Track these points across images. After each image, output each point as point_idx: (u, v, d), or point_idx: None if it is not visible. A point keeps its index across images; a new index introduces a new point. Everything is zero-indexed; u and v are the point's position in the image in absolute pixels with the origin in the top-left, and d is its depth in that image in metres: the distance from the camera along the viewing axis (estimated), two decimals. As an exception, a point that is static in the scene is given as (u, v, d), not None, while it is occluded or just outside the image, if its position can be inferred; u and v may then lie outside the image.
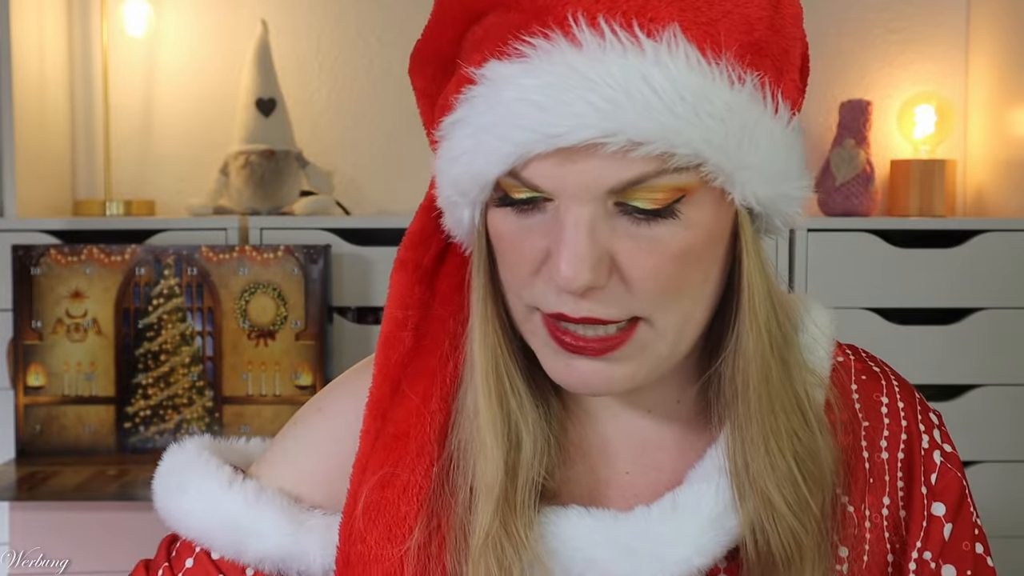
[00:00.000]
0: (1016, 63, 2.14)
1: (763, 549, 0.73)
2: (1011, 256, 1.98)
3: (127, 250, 1.93)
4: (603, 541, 0.73)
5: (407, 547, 0.73)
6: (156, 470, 0.85)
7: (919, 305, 2.00)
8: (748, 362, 0.72)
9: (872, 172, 2.13)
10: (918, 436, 0.80)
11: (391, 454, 0.76)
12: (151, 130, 2.31)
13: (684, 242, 0.67)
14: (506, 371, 0.73)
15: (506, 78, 0.65)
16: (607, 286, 0.67)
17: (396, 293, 0.79)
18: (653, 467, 0.78)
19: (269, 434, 2.12)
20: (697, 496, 0.74)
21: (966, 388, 2.00)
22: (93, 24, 2.26)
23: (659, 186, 0.65)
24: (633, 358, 0.70)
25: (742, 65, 0.66)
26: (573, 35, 0.64)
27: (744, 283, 0.71)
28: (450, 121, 0.69)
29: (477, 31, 0.69)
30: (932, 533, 0.78)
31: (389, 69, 2.30)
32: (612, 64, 0.63)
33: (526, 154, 0.65)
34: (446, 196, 0.73)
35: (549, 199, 0.67)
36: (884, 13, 2.31)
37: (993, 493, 1.97)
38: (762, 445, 0.72)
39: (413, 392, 0.77)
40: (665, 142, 0.63)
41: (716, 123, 0.65)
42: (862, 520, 0.77)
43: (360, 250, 2.00)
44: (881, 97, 2.30)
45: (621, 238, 0.67)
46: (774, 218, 0.72)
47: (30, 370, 1.93)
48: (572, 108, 0.63)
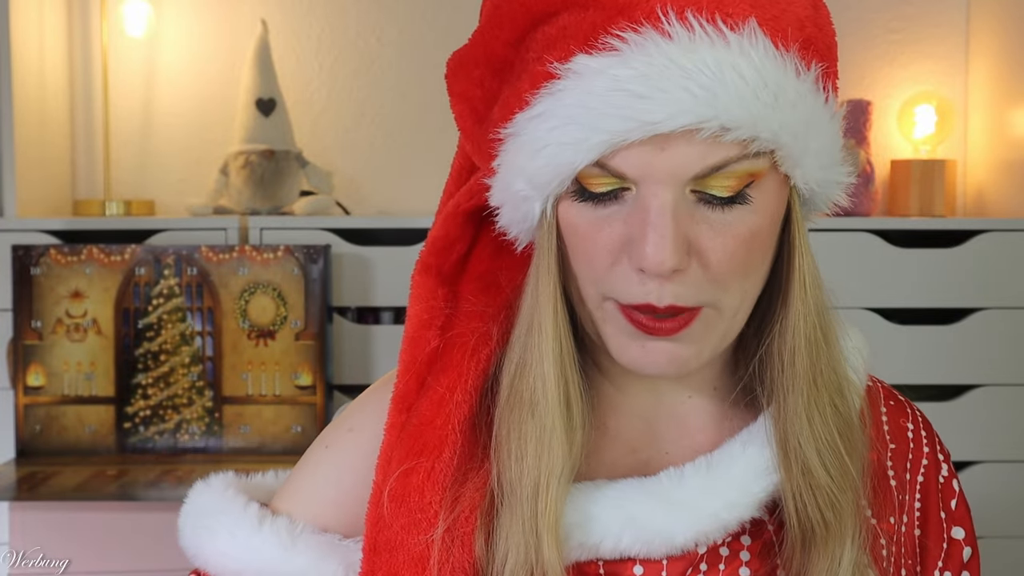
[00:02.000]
0: (1016, 63, 2.14)
1: (803, 517, 0.76)
2: (1011, 256, 1.98)
3: (127, 250, 1.93)
4: (638, 499, 0.76)
5: (432, 533, 0.75)
6: (182, 508, 0.86)
7: (919, 305, 2.00)
8: (797, 337, 0.76)
9: (872, 172, 2.13)
10: (937, 464, 0.85)
11: (416, 442, 0.77)
12: (151, 130, 2.31)
13: (754, 225, 0.71)
14: (570, 361, 0.76)
15: (597, 70, 0.68)
16: (687, 270, 0.70)
17: (421, 295, 0.81)
18: (692, 447, 0.81)
19: (269, 434, 2.11)
20: (730, 457, 0.77)
21: (966, 388, 2.00)
22: (93, 24, 2.26)
23: (736, 172, 0.69)
24: (700, 338, 0.73)
25: (803, 58, 0.71)
26: (663, 28, 0.67)
27: (796, 263, 0.76)
28: (527, 116, 0.71)
29: (548, 31, 0.71)
30: (953, 555, 0.83)
31: (389, 69, 2.30)
32: (705, 54, 0.67)
33: (620, 142, 0.68)
34: (515, 191, 0.74)
35: (628, 188, 0.70)
36: (884, 13, 2.31)
37: (993, 493, 1.97)
38: (804, 415, 0.76)
39: (438, 384, 0.79)
40: (751, 128, 0.68)
41: (791, 110, 0.69)
42: (889, 535, 0.81)
43: (360, 250, 2.00)
44: (881, 97, 2.30)
45: (699, 223, 0.70)
46: (819, 202, 0.76)
47: (30, 370, 1.93)
48: (671, 96, 0.66)
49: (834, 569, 0.75)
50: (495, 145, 0.74)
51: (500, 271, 0.82)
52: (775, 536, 0.78)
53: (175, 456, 1.93)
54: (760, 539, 0.78)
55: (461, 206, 0.80)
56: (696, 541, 0.76)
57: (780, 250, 0.76)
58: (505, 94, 0.74)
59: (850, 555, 0.75)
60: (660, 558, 0.76)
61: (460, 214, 0.80)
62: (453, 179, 0.83)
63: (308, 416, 1.94)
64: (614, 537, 0.76)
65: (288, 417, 1.94)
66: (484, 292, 0.81)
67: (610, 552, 0.76)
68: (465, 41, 0.78)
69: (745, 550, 0.78)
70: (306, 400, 1.94)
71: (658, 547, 0.75)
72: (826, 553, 0.75)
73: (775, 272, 0.77)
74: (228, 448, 1.94)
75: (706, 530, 0.76)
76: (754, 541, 0.78)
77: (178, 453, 1.93)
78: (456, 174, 0.83)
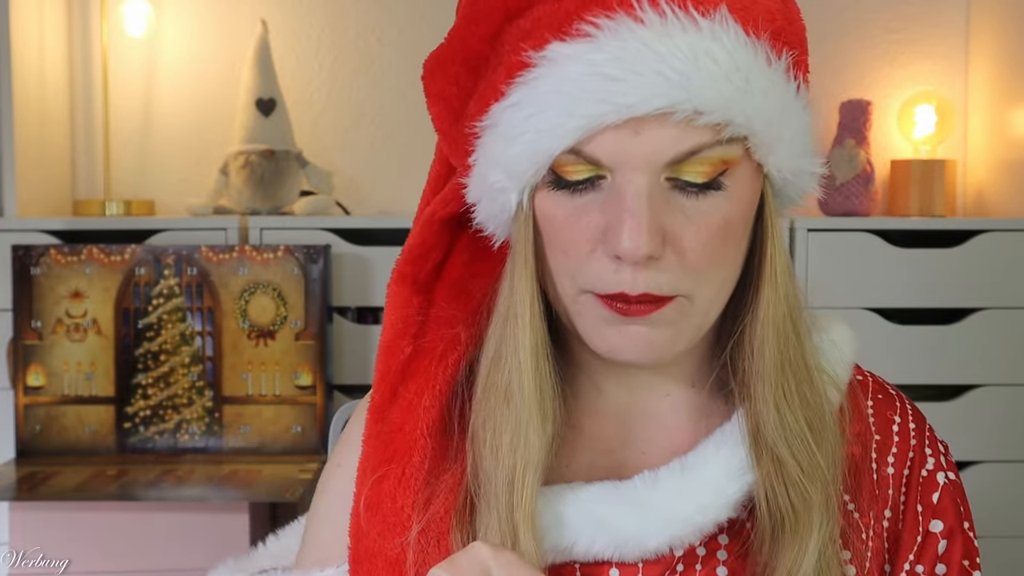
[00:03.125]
0: (1016, 63, 2.14)
1: (773, 507, 0.76)
2: (1011, 256, 1.98)
3: (127, 250, 1.93)
4: (611, 502, 0.76)
5: (407, 537, 0.75)
6: None
7: (919, 305, 2.00)
8: (767, 327, 0.76)
9: (872, 172, 2.13)
10: (923, 457, 0.84)
11: (387, 449, 0.78)
12: (151, 130, 2.31)
13: (728, 214, 0.72)
14: (543, 353, 0.76)
15: (571, 56, 0.69)
16: (662, 258, 0.71)
17: (396, 303, 0.82)
18: (669, 447, 0.81)
19: (269, 434, 2.12)
20: (703, 459, 0.77)
21: (966, 388, 2.00)
22: (93, 24, 2.26)
23: (709, 158, 0.70)
24: (674, 324, 0.73)
25: (774, 47, 0.72)
26: (636, 15, 0.68)
27: (768, 253, 0.76)
28: (503, 107, 0.72)
29: (523, 23, 0.72)
30: (927, 548, 0.81)
31: (389, 69, 2.30)
32: (678, 39, 0.68)
33: (595, 126, 0.68)
34: (491, 183, 0.74)
35: (603, 176, 0.71)
36: (884, 13, 2.31)
37: (993, 493, 1.97)
38: (773, 404, 0.76)
39: (407, 391, 0.79)
40: (724, 112, 0.68)
41: (762, 96, 0.70)
42: (868, 526, 0.80)
43: (360, 250, 2.00)
44: (881, 97, 2.30)
45: (674, 212, 0.71)
46: (792, 193, 0.77)
47: (30, 370, 1.93)
48: (645, 79, 0.67)
49: (799, 559, 0.75)
50: (471, 140, 0.75)
51: (472, 278, 0.83)
52: (753, 535, 0.78)
53: (175, 456, 1.93)
54: (738, 538, 0.78)
55: (437, 214, 0.81)
56: (670, 545, 0.76)
57: (753, 242, 0.76)
58: (481, 88, 0.74)
59: (816, 544, 0.75)
60: (634, 561, 0.76)
61: (436, 222, 0.81)
62: (431, 186, 0.84)
63: (308, 416, 1.94)
64: (587, 541, 0.75)
65: (288, 417, 1.94)
66: (455, 299, 0.82)
67: (583, 555, 0.76)
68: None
69: (723, 549, 0.78)
70: (306, 400, 1.94)
71: (631, 551, 0.75)
72: (793, 543, 0.75)
73: (748, 263, 0.77)
74: (228, 448, 1.94)
75: (680, 534, 0.75)
76: (731, 540, 0.78)
77: (178, 453, 1.93)
78: (433, 181, 0.84)
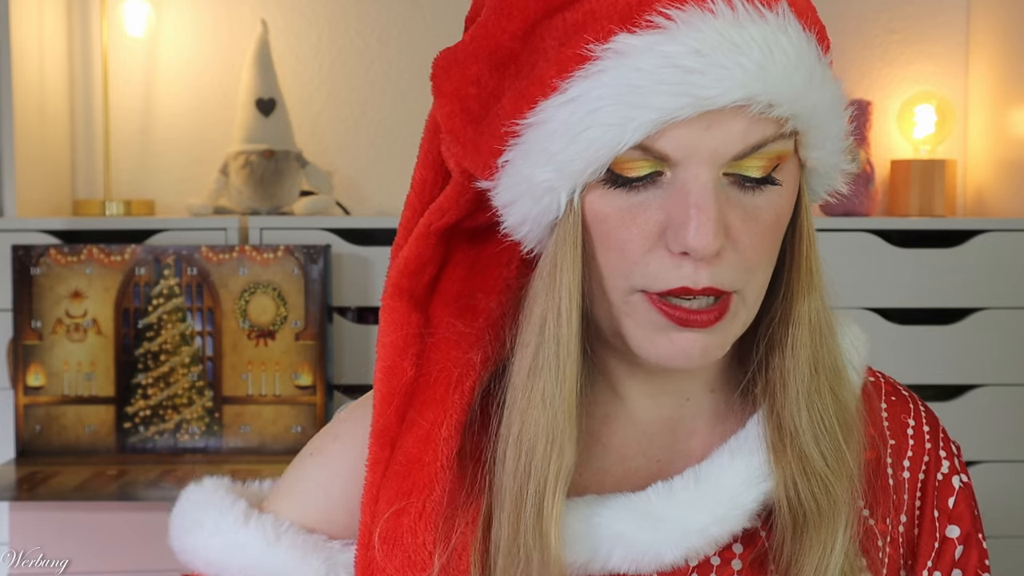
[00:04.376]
0: (1016, 63, 2.14)
1: (794, 504, 0.75)
2: (1011, 256, 1.98)
3: (127, 250, 1.93)
4: (626, 515, 0.75)
5: (429, 574, 0.73)
6: (174, 508, 0.85)
7: (919, 305, 2.00)
8: (801, 325, 0.75)
9: (872, 172, 2.13)
10: (938, 460, 0.83)
11: (404, 481, 0.75)
12: (151, 130, 2.31)
13: (779, 209, 0.71)
14: (578, 364, 0.74)
15: (643, 48, 0.67)
16: (724, 253, 0.70)
17: (393, 320, 0.78)
18: (684, 454, 0.80)
19: (269, 434, 2.12)
20: (719, 468, 0.76)
21: (966, 388, 2.00)
22: (93, 24, 2.26)
23: (769, 152, 0.69)
24: (726, 328, 0.72)
25: (820, 44, 0.71)
26: (707, 6, 0.67)
27: (802, 250, 0.75)
28: (558, 102, 0.68)
29: (571, 16, 0.69)
30: (944, 554, 0.81)
31: (389, 69, 2.30)
32: (752, 30, 0.67)
33: (669, 120, 0.67)
34: (537, 183, 0.70)
35: (662, 172, 0.69)
36: (884, 13, 2.31)
37: (993, 493, 1.97)
38: (804, 402, 0.75)
39: (423, 419, 0.76)
40: (791, 104, 0.68)
41: (820, 90, 0.70)
42: (884, 533, 0.80)
43: (360, 250, 2.00)
44: (881, 97, 2.30)
45: (733, 207, 0.70)
46: (819, 188, 0.77)
47: (30, 370, 1.93)
48: (726, 71, 0.66)
49: (825, 558, 0.74)
50: (503, 140, 0.71)
51: (475, 293, 0.79)
52: (767, 543, 0.77)
53: (175, 456, 1.93)
54: (752, 547, 0.77)
55: (433, 224, 0.77)
56: (686, 557, 0.75)
57: (785, 237, 0.75)
58: (520, 85, 0.71)
59: (842, 544, 0.74)
60: (650, 573, 0.75)
61: (433, 233, 0.77)
62: (415, 192, 0.80)
63: (308, 416, 1.94)
64: (603, 556, 0.75)
65: (288, 417, 1.94)
66: (460, 316, 0.78)
67: (599, 570, 0.75)
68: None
69: (737, 559, 0.77)
70: (306, 400, 1.94)
71: (647, 564, 0.74)
72: (818, 540, 0.74)
73: (779, 259, 0.75)
74: (228, 448, 1.94)
75: (696, 546, 0.74)
76: (746, 549, 0.77)
77: (178, 453, 1.93)
78: (419, 187, 0.80)
